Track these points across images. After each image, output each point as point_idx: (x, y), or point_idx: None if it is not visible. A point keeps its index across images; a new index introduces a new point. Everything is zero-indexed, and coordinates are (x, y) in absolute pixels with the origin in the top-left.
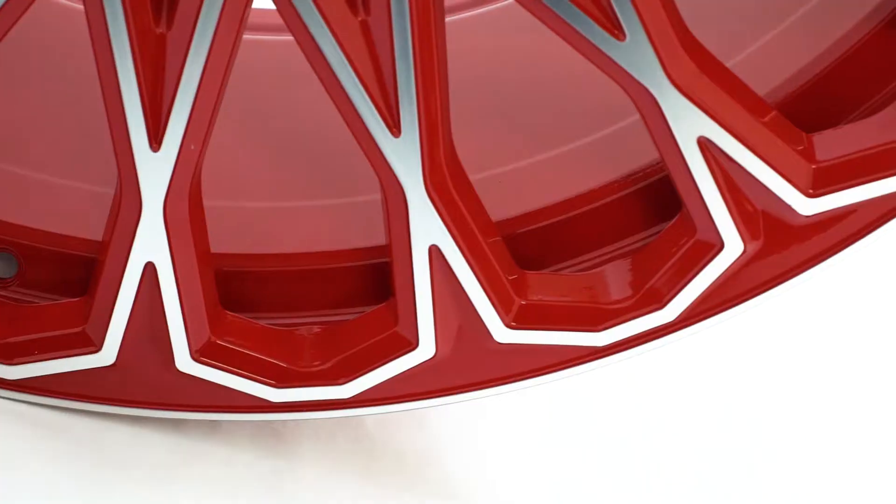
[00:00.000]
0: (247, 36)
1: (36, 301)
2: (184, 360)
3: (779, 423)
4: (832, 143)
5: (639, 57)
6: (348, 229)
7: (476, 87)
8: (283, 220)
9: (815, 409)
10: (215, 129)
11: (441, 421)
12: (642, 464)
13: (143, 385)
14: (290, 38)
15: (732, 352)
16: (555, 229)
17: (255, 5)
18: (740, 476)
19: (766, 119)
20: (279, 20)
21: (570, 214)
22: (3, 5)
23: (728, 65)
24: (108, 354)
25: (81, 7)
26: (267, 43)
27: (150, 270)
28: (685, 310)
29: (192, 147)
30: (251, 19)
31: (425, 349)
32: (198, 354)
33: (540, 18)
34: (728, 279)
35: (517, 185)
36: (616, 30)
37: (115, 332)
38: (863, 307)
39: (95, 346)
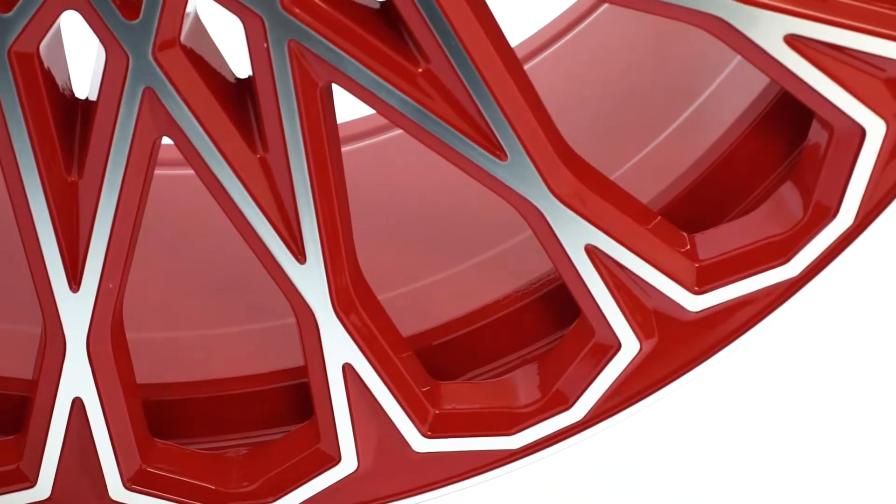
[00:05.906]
0: (159, 171)
1: None
2: (116, 490)
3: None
4: (713, 242)
5: (521, 174)
6: (269, 352)
7: (382, 209)
8: (205, 348)
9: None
10: (134, 263)
11: None
12: None
13: None
14: None
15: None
16: (465, 340)
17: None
18: None
19: (651, 225)
20: None
21: (479, 325)
22: None
23: (614, 177)
24: (42, 489)
25: None
26: (178, 176)
27: (78, 406)
28: (591, 409)
29: (111, 286)
30: (161, 154)
31: (348, 463)
32: (130, 483)
33: (427, 145)
34: (629, 376)
35: (426, 300)
36: (498, 151)
37: (48, 466)
38: (864, 314)
39: (30, 481)
